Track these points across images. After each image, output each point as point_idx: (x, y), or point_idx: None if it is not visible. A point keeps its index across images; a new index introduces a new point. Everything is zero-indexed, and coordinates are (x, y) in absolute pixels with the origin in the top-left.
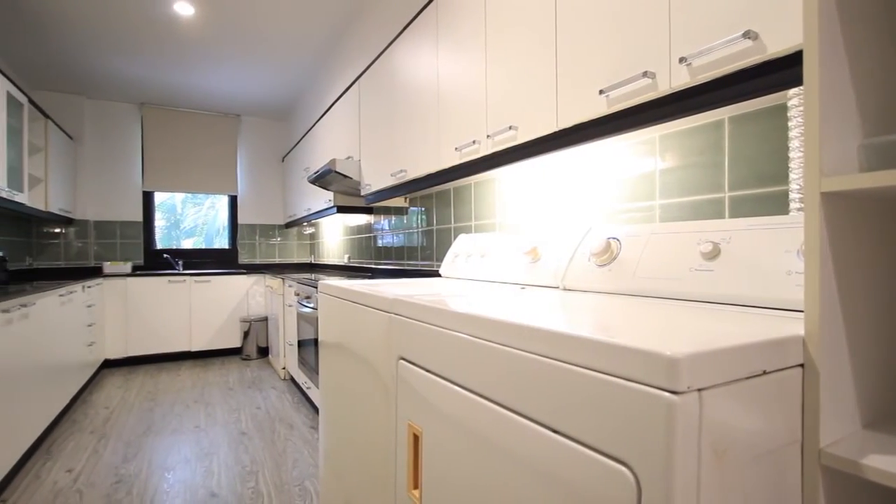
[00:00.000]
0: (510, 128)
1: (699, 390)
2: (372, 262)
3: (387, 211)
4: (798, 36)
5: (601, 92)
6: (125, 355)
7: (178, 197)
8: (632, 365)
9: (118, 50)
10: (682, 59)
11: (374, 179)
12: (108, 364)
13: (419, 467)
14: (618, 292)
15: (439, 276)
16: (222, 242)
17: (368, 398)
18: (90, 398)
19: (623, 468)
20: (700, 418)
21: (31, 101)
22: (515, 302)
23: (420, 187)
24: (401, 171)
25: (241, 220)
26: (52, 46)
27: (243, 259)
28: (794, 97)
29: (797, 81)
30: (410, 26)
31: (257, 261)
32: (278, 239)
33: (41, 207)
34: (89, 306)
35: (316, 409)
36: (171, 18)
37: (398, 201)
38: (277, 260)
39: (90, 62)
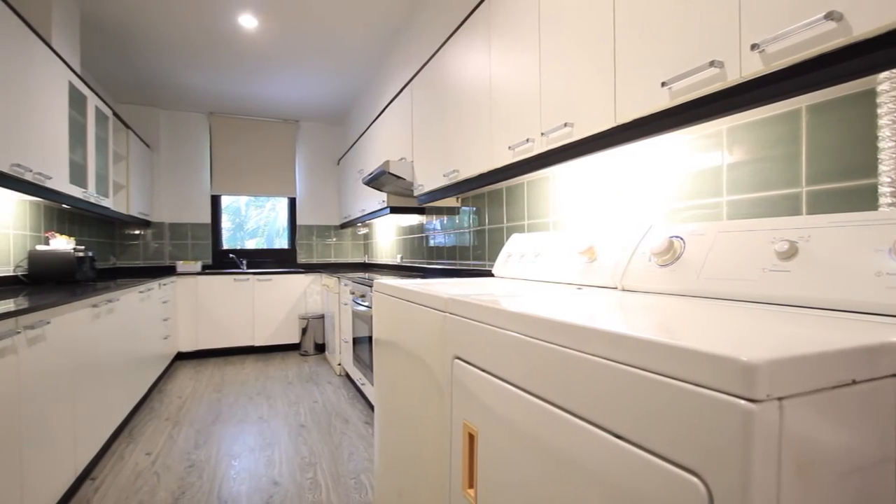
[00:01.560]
0: (565, 125)
1: (779, 399)
2: (424, 261)
3: (439, 211)
4: (891, 14)
5: (663, 84)
6: (196, 348)
7: (242, 200)
8: (705, 370)
9: (189, 63)
10: (753, 46)
11: (427, 180)
12: (181, 356)
13: (475, 467)
14: (681, 294)
15: (492, 276)
16: (282, 243)
17: (422, 395)
18: (165, 387)
19: (694, 478)
20: (780, 429)
21: (115, 114)
22: (573, 302)
23: (472, 187)
24: (453, 171)
25: (299, 221)
26: (132, 63)
27: (301, 259)
28: (884, 81)
29: (889, 65)
30: (462, 28)
31: (314, 260)
32: (334, 239)
33: (123, 211)
34: (164, 302)
35: (370, 405)
36: (236, 31)
37: (450, 201)
38: (333, 259)
39: (165, 76)
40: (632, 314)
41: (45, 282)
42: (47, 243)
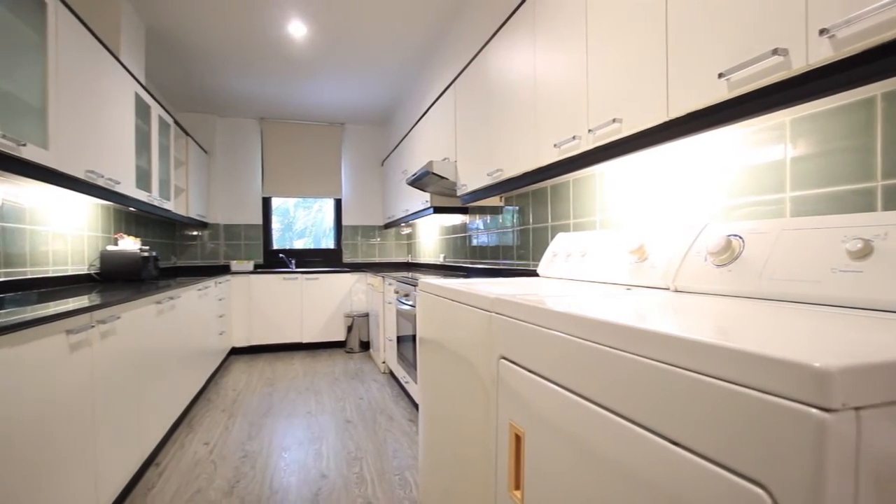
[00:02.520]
0: (613, 121)
1: (856, 409)
2: (467, 261)
3: (482, 210)
4: None
5: (720, 75)
6: (248, 344)
7: (291, 201)
8: (772, 376)
9: (243, 72)
10: (822, 31)
11: (470, 179)
12: (235, 351)
13: (521, 468)
14: (740, 295)
15: (536, 275)
16: (328, 243)
17: (467, 395)
18: (221, 381)
19: (759, 490)
20: (858, 441)
21: (175, 122)
22: (625, 303)
23: (516, 186)
24: (497, 170)
25: (344, 221)
26: (191, 73)
27: (347, 258)
28: None
29: None
30: (505, 26)
31: (359, 260)
32: (378, 239)
33: (183, 213)
34: (220, 300)
35: (414, 403)
36: (286, 39)
37: (493, 200)
38: (377, 259)
39: (220, 85)
40: (689, 316)
41: (115, 279)
42: (116, 244)
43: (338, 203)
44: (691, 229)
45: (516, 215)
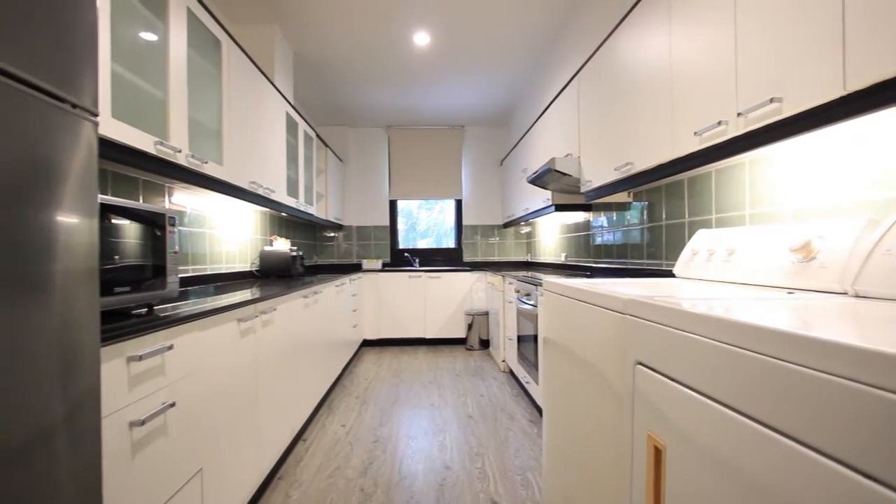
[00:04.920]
0: (771, 100)
1: None
2: (590, 260)
3: (607, 207)
4: None
5: None
6: (377, 337)
7: (414, 203)
8: None
9: (372, 85)
10: None
11: (595, 175)
12: (366, 343)
13: (661, 484)
14: None
15: (670, 276)
16: (449, 242)
17: (594, 399)
18: (354, 370)
19: None
20: None
21: (317, 135)
22: (791, 309)
23: (648, 180)
24: (626, 164)
25: (465, 221)
26: (328, 90)
27: (467, 257)
28: None
29: None
30: (634, 10)
31: (479, 259)
32: (497, 238)
33: (323, 217)
34: (353, 295)
35: (534, 404)
36: (411, 50)
37: (620, 196)
38: (496, 258)
39: (352, 98)
40: (888, 326)
41: (270, 276)
42: (271, 244)
43: (458, 203)
44: (875, 223)
45: (646, 211)
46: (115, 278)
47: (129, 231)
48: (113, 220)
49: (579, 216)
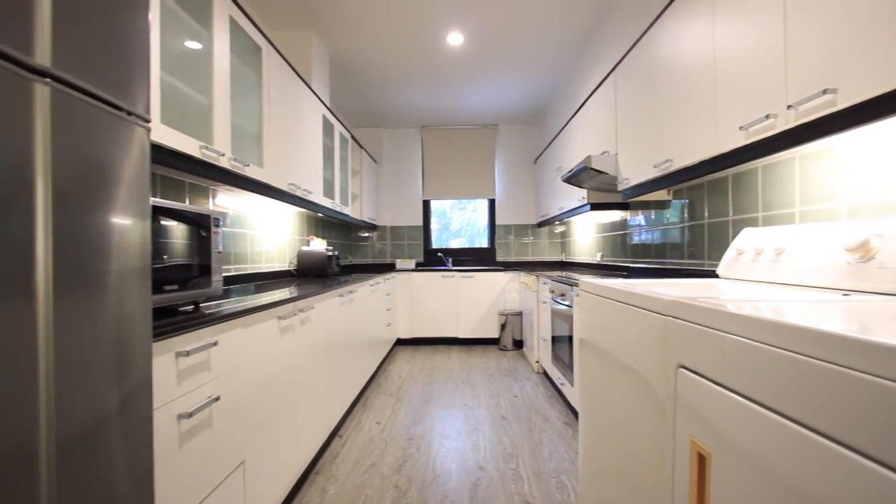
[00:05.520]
0: (825, 91)
1: None
2: (627, 260)
3: (645, 206)
4: None
5: None
6: (411, 336)
7: (447, 203)
8: None
9: (406, 86)
10: None
11: (633, 173)
12: (399, 342)
13: (705, 493)
14: None
15: (713, 276)
16: (482, 242)
17: (633, 403)
18: (388, 368)
19: None
20: None
21: (352, 137)
22: (851, 311)
23: (689, 177)
24: (666, 161)
25: (498, 221)
26: (363, 92)
27: (500, 257)
28: None
29: None
30: (674, 3)
31: (512, 258)
32: (530, 238)
33: (357, 217)
34: (387, 294)
35: (569, 405)
36: (444, 50)
37: (660, 194)
38: (530, 258)
39: (386, 100)
40: None
41: (307, 275)
42: (308, 244)
43: (491, 203)
44: None
45: (687, 209)
46: (164, 277)
47: (177, 232)
48: (162, 222)
49: (616, 215)
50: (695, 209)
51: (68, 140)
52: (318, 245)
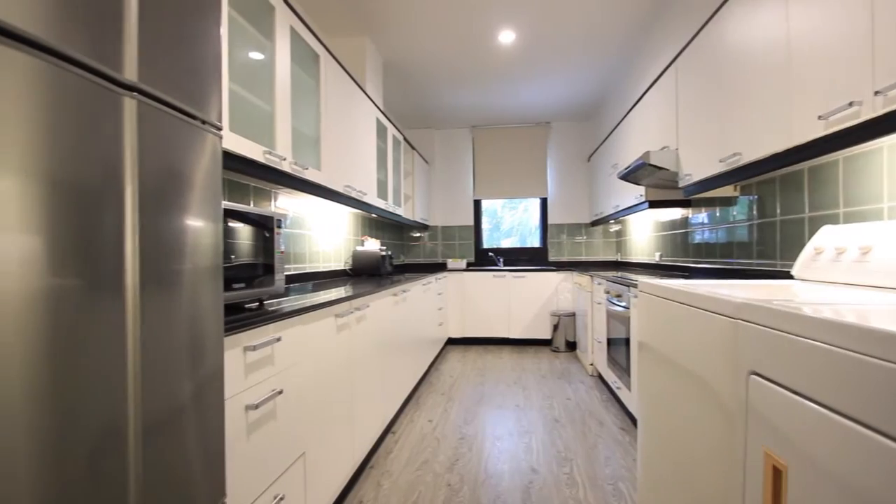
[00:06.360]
0: None
1: None
2: (688, 260)
3: (708, 203)
4: None
5: None
6: (462, 335)
7: (498, 203)
8: None
9: (457, 86)
10: None
11: (696, 168)
12: (451, 341)
13: None
14: None
15: (787, 277)
16: (534, 241)
17: (698, 411)
18: (440, 367)
19: None
20: None
21: (404, 139)
22: None
23: (759, 171)
24: (733, 154)
25: (550, 220)
26: (414, 95)
27: (552, 257)
28: None
29: None
30: None
31: (564, 258)
32: (584, 237)
33: (410, 217)
34: (439, 294)
35: (626, 410)
36: (496, 48)
37: (725, 190)
38: (583, 258)
39: (437, 100)
40: None
41: (362, 274)
42: (363, 244)
43: (543, 202)
44: None
45: (755, 206)
46: (232, 275)
47: (243, 233)
48: (229, 223)
49: (676, 212)
50: (765, 206)
51: (152, 148)
52: (373, 245)
